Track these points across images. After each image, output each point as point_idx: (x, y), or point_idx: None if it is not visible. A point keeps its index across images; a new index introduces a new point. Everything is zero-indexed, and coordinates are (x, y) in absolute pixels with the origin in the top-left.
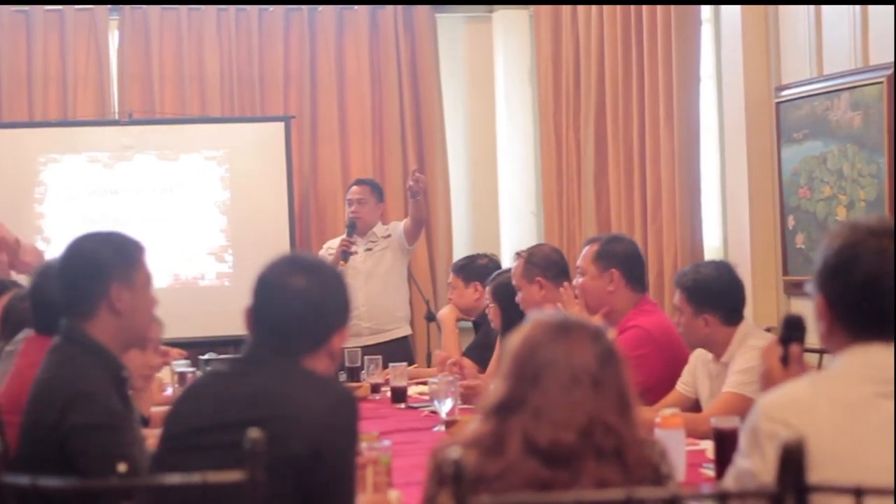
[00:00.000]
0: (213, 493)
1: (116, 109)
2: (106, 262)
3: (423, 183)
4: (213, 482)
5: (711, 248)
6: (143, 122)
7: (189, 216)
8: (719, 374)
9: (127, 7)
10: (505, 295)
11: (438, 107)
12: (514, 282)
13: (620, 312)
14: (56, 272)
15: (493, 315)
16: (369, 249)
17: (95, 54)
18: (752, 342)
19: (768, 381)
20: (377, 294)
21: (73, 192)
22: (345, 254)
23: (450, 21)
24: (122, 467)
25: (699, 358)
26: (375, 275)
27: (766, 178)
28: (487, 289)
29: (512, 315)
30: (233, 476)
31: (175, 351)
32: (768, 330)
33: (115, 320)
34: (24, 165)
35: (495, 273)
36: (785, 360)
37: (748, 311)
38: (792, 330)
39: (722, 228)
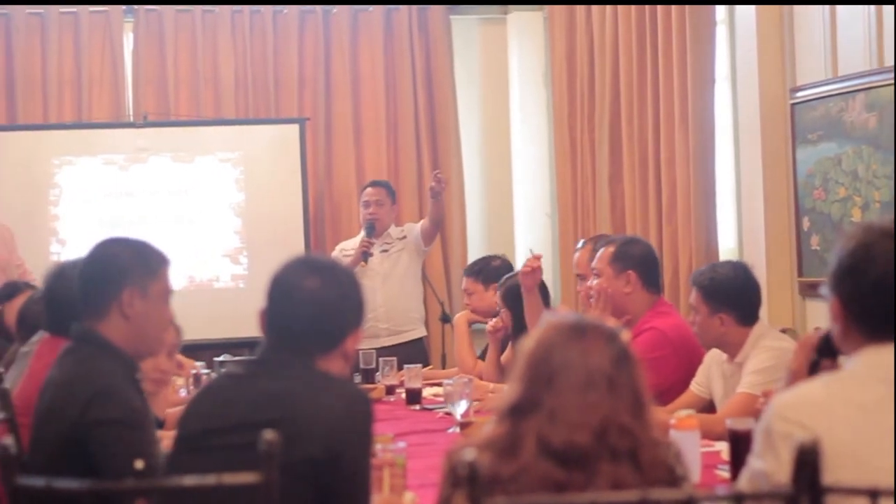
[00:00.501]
0: (228, 495)
1: (131, 112)
2: (123, 266)
3: (444, 183)
4: (228, 484)
5: (726, 250)
6: (158, 125)
7: (204, 218)
8: (733, 374)
9: (141, 9)
10: (516, 298)
11: (453, 108)
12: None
13: (636, 314)
14: (78, 270)
15: (505, 319)
16: (385, 251)
17: (110, 56)
18: (766, 343)
19: (793, 380)
20: (395, 295)
21: (87, 194)
22: (365, 254)
23: (464, 23)
24: (139, 464)
25: (713, 358)
26: (393, 276)
27: (780, 180)
28: (498, 293)
29: (524, 318)
30: (248, 478)
31: (188, 364)
32: (784, 331)
33: (125, 325)
34: (39, 167)
35: (505, 277)
36: (814, 369)
37: (763, 313)
38: (831, 347)
39: (737, 230)
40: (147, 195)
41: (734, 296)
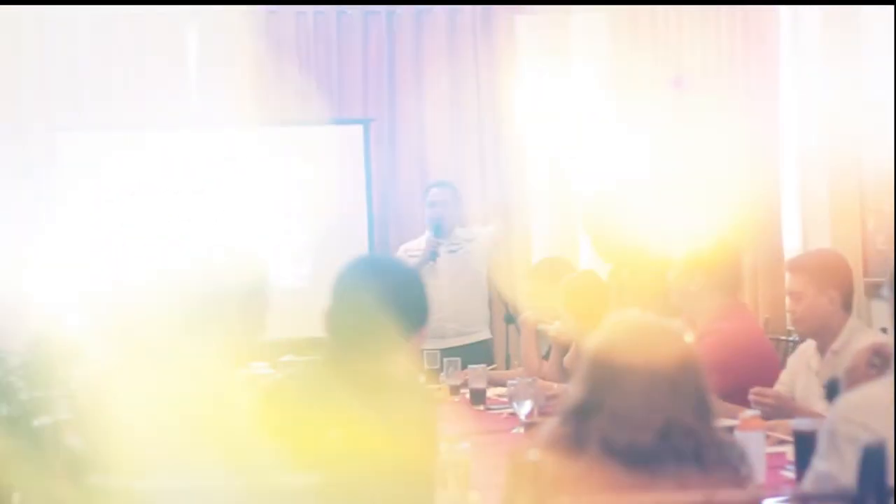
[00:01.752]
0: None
1: (196, 112)
2: None
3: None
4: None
5: (791, 250)
6: (223, 126)
7: (269, 219)
8: (822, 368)
9: (205, 9)
10: (578, 300)
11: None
12: None
13: (703, 315)
14: None
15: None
16: (453, 252)
17: (174, 57)
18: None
19: (852, 382)
20: (463, 295)
21: (152, 194)
22: (433, 253)
23: (529, 23)
24: None
25: (800, 356)
26: (461, 276)
27: (846, 179)
28: (560, 295)
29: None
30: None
31: None
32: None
33: None
34: (101, 168)
35: (566, 280)
36: (873, 365)
37: None
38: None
39: (801, 230)
40: (211, 195)
41: (842, 276)
